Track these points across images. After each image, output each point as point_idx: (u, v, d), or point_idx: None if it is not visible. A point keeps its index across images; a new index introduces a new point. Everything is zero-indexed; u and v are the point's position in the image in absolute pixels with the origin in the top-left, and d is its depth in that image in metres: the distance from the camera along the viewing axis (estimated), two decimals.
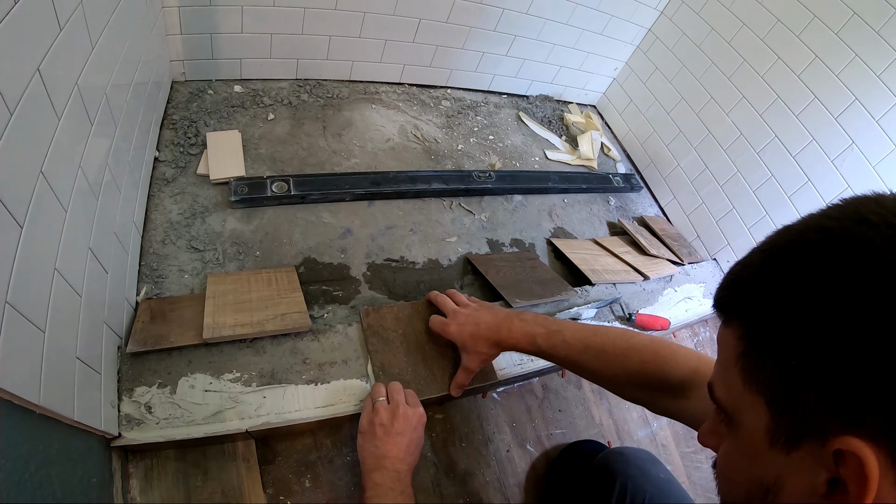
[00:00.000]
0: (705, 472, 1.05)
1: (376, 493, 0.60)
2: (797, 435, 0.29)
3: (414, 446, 0.66)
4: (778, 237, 0.32)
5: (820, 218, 0.30)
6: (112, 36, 0.65)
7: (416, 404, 0.70)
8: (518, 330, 0.70)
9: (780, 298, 0.29)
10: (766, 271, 0.31)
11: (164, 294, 0.79)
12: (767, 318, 0.30)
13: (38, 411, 0.44)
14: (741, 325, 0.32)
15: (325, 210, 1.01)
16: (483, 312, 0.75)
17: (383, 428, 0.65)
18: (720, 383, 0.35)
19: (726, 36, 1.22)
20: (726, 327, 0.34)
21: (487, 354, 0.73)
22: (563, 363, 0.69)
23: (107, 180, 0.65)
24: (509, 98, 1.52)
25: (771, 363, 0.29)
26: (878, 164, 0.96)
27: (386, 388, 0.71)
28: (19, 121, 0.41)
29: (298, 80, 1.21)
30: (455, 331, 0.74)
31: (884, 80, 0.94)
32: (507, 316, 0.72)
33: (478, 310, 0.76)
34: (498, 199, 1.22)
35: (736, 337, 0.32)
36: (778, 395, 0.29)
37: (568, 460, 0.87)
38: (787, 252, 0.31)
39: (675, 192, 1.40)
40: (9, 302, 0.39)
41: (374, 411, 0.67)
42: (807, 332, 0.27)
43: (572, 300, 1.02)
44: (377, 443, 0.64)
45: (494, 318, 0.73)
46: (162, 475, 0.66)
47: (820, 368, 0.27)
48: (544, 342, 0.67)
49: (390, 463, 0.62)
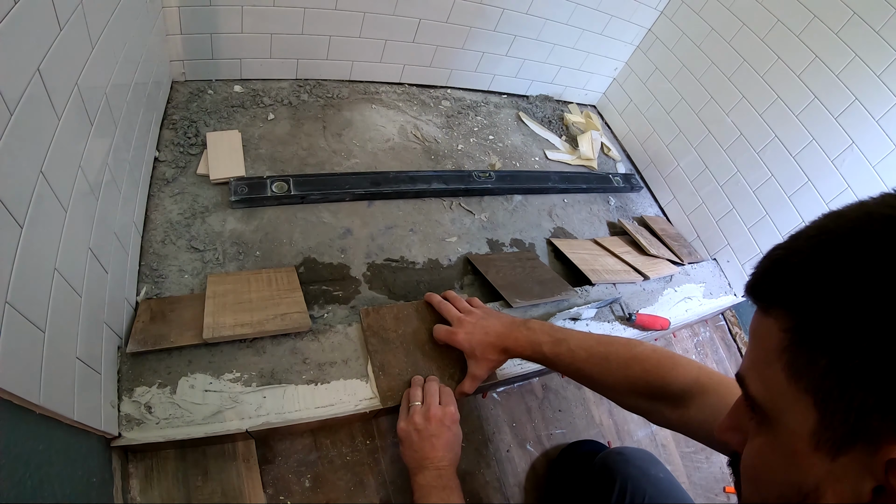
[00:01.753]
0: (705, 472, 1.05)
1: (421, 493, 0.62)
2: (847, 440, 0.27)
3: (451, 444, 0.67)
4: (831, 223, 0.30)
5: (878, 206, 0.28)
6: (112, 36, 0.65)
7: (449, 402, 0.71)
8: (524, 338, 0.70)
9: (841, 290, 0.27)
10: (821, 258, 0.28)
11: (164, 294, 0.79)
12: (823, 310, 0.27)
13: (38, 411, 0.44)
14: (788, 315, 0.29)
15: (325, 210, 1.01)
16: (490, 320, 0.75)
17: (418, 432, 0.67)
18: (756, 377, 0.32)
19: (726, 36, 1.22)
20: (766, 316, 0.31)
21: (496, 361, 0.73)
22: (567, 371, 0.69)
23: (107, 180, 0.65)
24: (509, 98, 1.52)
25: (825, 361, 0.27)
26: (878, 164, 0.96)
27: (422, 388, 0.72)
28: (19, 121, 0.41)
29: (298, 80, 1.21)
30: (463, 339, 0.74)
31: (884, 80, 0.94)
32: (514, 324, 0.73)
33: (484, 317, 0.76)
34: (498, 199, 1.22)
35: (781, 328, 0.29)
36: (830, 396, 0.27)
37: (568, 460, 0.87)
38: (848, 240, 0.28)
39: (675, 192, 1.40)
40: (9, 302, 0.39)
41: (409, 416, 0.69)
42: (872, 329, 0.25)
43: (572, 300, 1.02)
44: (415, 447, 0.66)
45: (502, 325, 0.73)
46: (162, 475, 0.66)
47: (884, 371, 0.24)
48: (549, 350, 0.68)
49: (430, 463, 0.64)
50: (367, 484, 0.76)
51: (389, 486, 0.77)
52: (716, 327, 1.33)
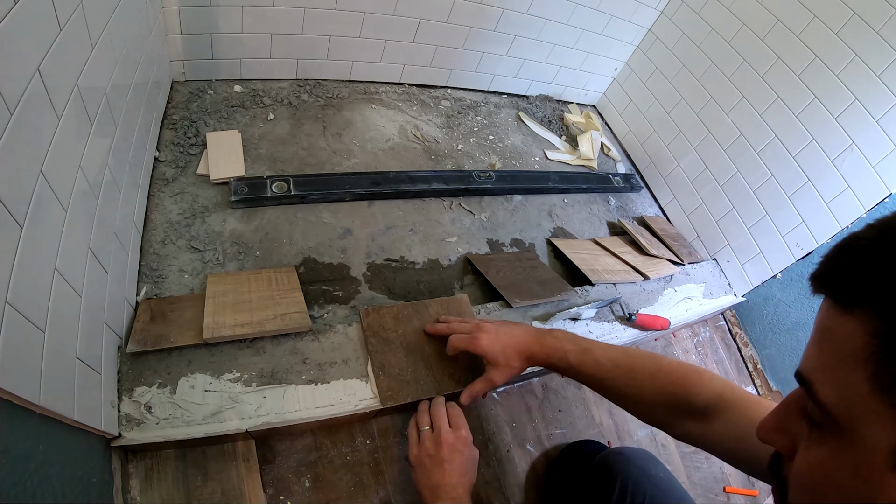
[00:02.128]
0: (705, 472, 1.05)
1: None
2: None
3: (465, 468, 0.66)
4: None
5: None
6: (112, 36, 0.65)
7: (459, 426, 0.70)
8: (550, 346, 0.69)
9: None
10: None
11: (164, 294, 0.79)
12: None
13: (38, 411, 0.44)
14: (878, 319, 0.26)
15: (325, 210, 1.01)
16: (512, 327, 0.74)
17: (430, 458, 0.66)
18: (828, 382, 0.29)
19: (726, 36, 1.22)
20: (845, 315, 0.27)
21: (517, 369, 0.72)
22: (591, 382, 0.68)
23: (107, 180, 0.65)
24: (509, 98, 1.52)
25: None
26: (878, 164, 0.96)
27: (429, 413, 0.72)
28: (19, 121, 0.41)
29: (298, 80, 1.21)
30: (486, 344, 0.71)
31: (884, 80, 0.94)
32: (539, 331, 0.72)
33: (504, 325, 0.75)
34: (498, 199, 1.22)
35: (867, 332, 0.26)
36: None
37: (568, 460, 0.87)
38: None
39: (675, 192, 1.40)
40: (9, 302, 0.39)
41: (420, 443, 0.68)
42: None
43: (572, 300, 1.02)
44: (428, 475, 0.65)
45: (525, 332, 0.72)
46: (162, 475, 0.66)
47: None
48: (575, 360, 0.67)
49: (445, 491, 0.63)
50: (367, 484, 0.76)
51: (389, 486, 0.77)
52: (716, 327, 1.33)
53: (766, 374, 1.27)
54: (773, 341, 1.25)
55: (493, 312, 0.93)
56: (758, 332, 1.28)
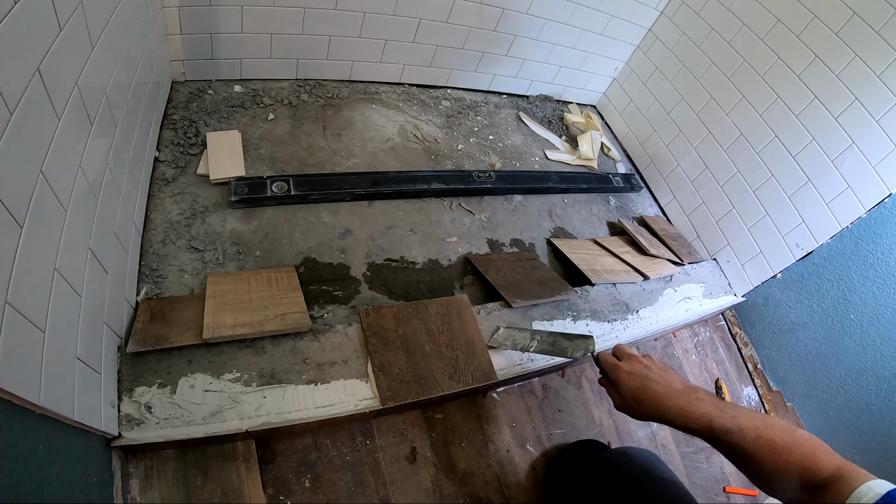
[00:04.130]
0: (705, 472, 1.05)
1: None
2: None
3: None
4: None
5: None
6: (112, 36, 0.65)
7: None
8: (696, 410, 0.63)
9: None
10: None
11: (164, 294, 0.79)
12: None
13: (38, 411, 0.44)
14: None
15: (325, 210, 1.01)
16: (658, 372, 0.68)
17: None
18: None
19: (726, 36, 1.22)
20: None
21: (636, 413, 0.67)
22: (729, 451, 0.63)
23: (107, 180, 0.65)
24: (509, 98, 1.52)
25: None
26: (877, 164, 0.96)
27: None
28: (19, 121, 0.41)
29: (298, 80, 1.21)
30: (624, 376, 0.67)
31: (884, 80, 0.94)
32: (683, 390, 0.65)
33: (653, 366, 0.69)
34: (498, 199, 1.22)
35: None
36: None
37: (568, 460, 0.87)
38: None
39: (675, 192, 1.40)
40: (9, 302, 0.39)
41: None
42: None
43: (572, 300, 1.02)
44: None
45: (667, 387, 0.66)
46: (162, 475, 0.66)
47: None
48: (720, 427, 0.62)
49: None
50: (367, 484, 0.76)
51: (389, 486, 0.77)
52: (716, 327, 1.33)
53: (766, 374, 1.27)
54: (773, 341, 1.25)
55: (492, 312, 0.93)
56: (758, 332, 1.28)
